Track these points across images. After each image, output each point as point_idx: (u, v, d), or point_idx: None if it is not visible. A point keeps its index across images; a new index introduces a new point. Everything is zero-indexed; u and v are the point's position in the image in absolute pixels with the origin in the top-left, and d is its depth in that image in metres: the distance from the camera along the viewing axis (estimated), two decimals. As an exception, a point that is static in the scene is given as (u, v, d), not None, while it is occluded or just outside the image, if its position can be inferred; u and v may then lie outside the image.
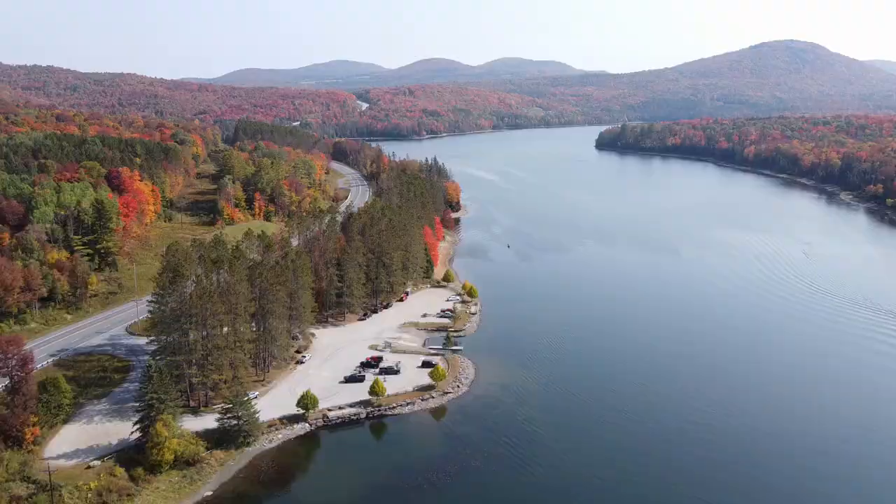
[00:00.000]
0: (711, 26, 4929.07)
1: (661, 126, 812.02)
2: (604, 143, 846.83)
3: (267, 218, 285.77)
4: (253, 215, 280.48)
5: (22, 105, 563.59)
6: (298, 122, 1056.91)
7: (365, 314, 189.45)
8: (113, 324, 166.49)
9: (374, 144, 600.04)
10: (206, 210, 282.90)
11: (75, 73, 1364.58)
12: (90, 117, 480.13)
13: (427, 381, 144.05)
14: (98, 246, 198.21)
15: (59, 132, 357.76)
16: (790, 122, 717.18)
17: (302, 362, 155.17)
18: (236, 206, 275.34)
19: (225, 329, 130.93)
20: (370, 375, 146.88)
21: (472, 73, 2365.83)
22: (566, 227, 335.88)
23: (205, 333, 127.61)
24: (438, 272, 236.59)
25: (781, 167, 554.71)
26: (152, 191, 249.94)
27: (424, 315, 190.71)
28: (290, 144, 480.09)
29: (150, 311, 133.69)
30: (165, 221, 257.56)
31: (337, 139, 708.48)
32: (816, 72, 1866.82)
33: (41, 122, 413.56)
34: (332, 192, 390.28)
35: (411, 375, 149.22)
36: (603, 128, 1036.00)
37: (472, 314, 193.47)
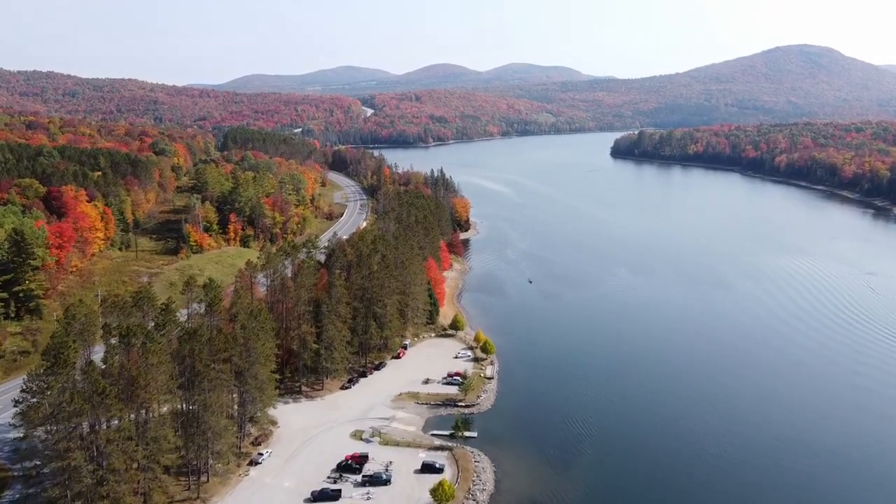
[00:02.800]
0: (720, 31, 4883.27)
1: (680, 133, 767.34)
2: (619, 151, 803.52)
3: (244, 243, 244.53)
4: (227, 240, 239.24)
5: (2, 112, 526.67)
6: (300, 129, 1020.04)
7: (350, 380, 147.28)
8: (5, 404, 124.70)
9: (376, 153, 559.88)
10: (177, 233, 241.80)
11: (75, 78, 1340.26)
12: (65, 124, 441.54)
13: (427, 499, 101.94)
14: (16, 289, 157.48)
15: (21, 142, 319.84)
16: (820, 129, 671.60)
17: (258, 462, 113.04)
18: (207, 229, 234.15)
19: (131, 438, 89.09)
20: (349, 487, 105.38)
21: (479, 79, 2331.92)
22: (591, 250, 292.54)
23: (96, 449, 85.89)
24: (445, 313, 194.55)
25: (818, 178, 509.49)
26: (103, 213, 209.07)
27: (426, 381, 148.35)
28: (283, 154, 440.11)
29: (12, 421, 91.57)
30: (120, 249, 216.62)
31: (337, 147, 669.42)
32: (832, 76, 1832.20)
33: (8, 131, 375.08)
34: (327, 208, 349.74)
35: (406, 486, 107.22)
36: (616, 134, 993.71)
37: (488, 379, 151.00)
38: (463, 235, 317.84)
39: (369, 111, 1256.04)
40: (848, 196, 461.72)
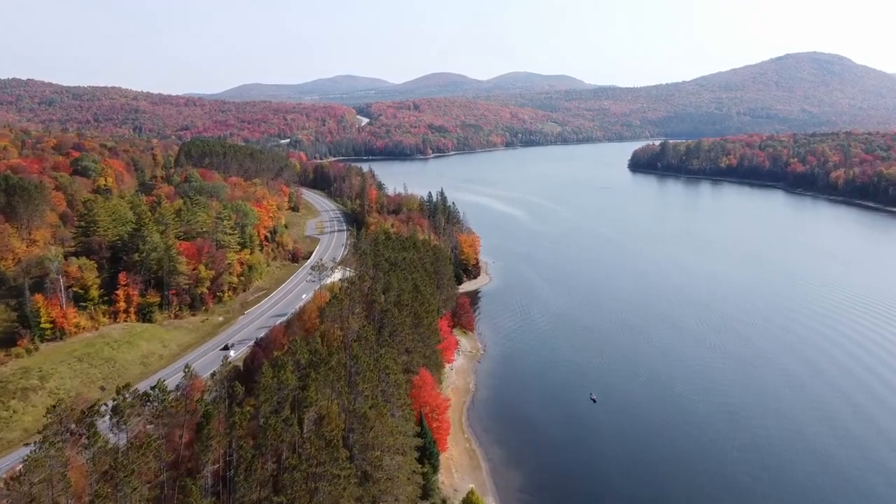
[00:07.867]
0: (720, 40, 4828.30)
1: (709, 143, 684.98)
2: (639, 164, 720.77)
3: (145, 316, 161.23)
4: (115, 315, 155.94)
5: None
6: (288, 140, 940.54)
7: None
8: None
9: (367, 167, 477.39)
10: (16, 309, 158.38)
11: (55, 86, 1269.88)
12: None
13: None
14: None
15: None
16: (872, 140, 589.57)
17: None
18: (79, 299, 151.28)
19: None
20: None
21: (480, 88, 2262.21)
22: (657, 314, 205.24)
23: None
24: (450, 461, 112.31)
25: (891, 197, 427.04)
26: None
27: None
28: (247, 171, 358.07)
29: None
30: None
31: (320, 161, 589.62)
32: (845, 84, 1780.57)
33: None
34: (293, 245, 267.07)
35: None
36: (625, 144, 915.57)
37: None
38: (471, 285, 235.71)
39: (364, 120, 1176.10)
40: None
